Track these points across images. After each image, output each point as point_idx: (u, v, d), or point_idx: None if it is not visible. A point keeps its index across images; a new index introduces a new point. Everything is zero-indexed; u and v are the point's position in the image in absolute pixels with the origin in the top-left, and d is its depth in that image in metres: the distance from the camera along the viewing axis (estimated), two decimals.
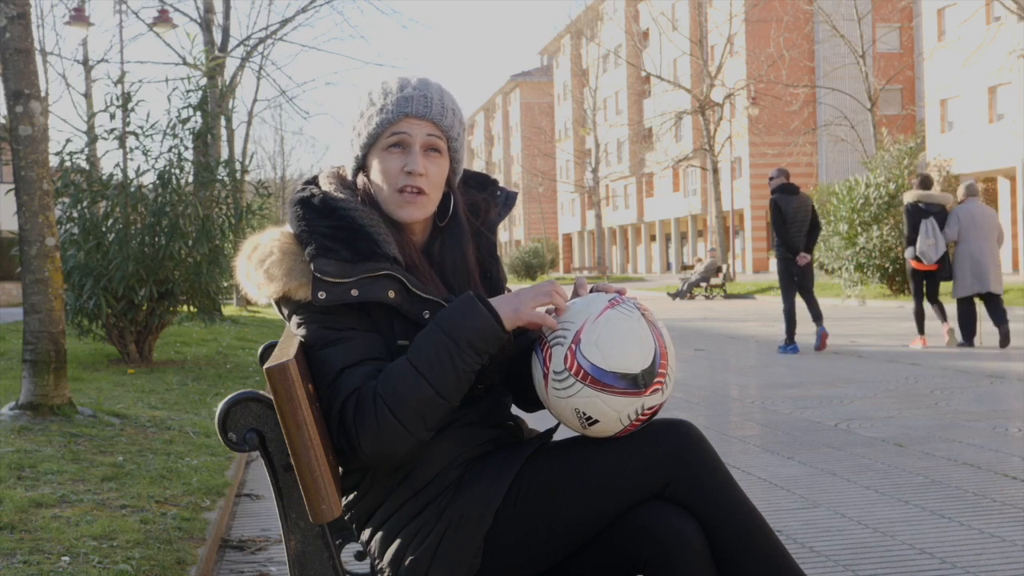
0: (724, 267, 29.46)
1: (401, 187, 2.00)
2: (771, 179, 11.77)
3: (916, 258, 11.17)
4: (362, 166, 2.05)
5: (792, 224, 11.35)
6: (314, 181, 2.09)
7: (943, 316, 11.49)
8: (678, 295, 28.13)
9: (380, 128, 2.00)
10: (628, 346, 1.89)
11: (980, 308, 11.33)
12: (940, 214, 11.17)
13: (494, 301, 1.93)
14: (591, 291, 2.02)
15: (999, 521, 3.94)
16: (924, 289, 11.46)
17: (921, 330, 11.48)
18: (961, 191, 11.53)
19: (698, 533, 1.87)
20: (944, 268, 11.19)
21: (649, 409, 1.92)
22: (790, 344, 11.43)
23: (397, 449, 1.89)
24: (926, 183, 11.51)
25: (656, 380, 1.90)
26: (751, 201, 51.32)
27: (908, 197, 11.37)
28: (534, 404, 2.12)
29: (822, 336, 11.37)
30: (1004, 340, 10.84)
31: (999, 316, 10.96)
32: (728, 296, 28.28)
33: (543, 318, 1.93)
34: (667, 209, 61.76)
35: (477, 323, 1.88)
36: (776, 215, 11.40)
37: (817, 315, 11.47)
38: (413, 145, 2.00)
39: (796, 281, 11.51)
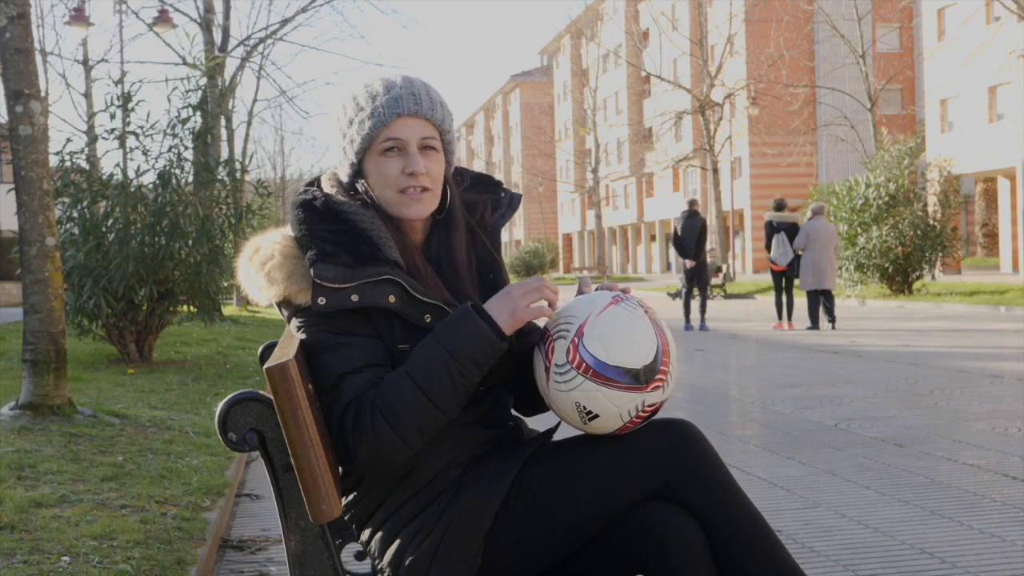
0: (724, 267, 29.44)
1: (403, 188, 1.99)
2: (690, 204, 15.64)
3: (772, 261, 14.83)
4: (359, 171, 2.04)
5: (684, 239, 15.25)
6: (316, 183, 2.08)
7: (791, 312, 15.23)
8: (678, 295, 28.07)
9: (374, 131, 1.98)
10: (630, 341, 1.90)
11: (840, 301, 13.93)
12: (790, 229, 14.86)
13: (490, 307, 1.92)
14: (595, 290, 2.02)
15: (999, 521, 3.94)
16: (783, 285, 15.14)
17: (780, 316, 15.21)
18: (809, 212, 15.09)
19: (698, 533, 1.87)
20: (793, 269, 14.76)
21: (649, 406, 1.92)
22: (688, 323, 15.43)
23: (394, 460, 1.89)
24: (780, 206, 15.19)
25: (657, 377, 1.90)
26: (751, 201, 51.30)
27: (766, 216, 15.15)
28: (534, 407, 2.12)
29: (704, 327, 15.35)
30: (832, 324, 14.59)
31: (830, 306, 14.63)
32: (728, 296, 28.23)
33: (540, 311, 1.93)
34: (667, 209, 61.69)
35: (477, 339, 1.87)
36: (674, 234, 15.46)
37: (704, 309, 15.57)
38: (409, 146, 1.99)
39: (691, 278, 15.48)
